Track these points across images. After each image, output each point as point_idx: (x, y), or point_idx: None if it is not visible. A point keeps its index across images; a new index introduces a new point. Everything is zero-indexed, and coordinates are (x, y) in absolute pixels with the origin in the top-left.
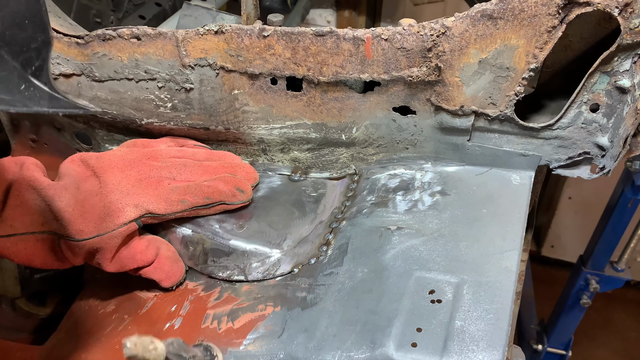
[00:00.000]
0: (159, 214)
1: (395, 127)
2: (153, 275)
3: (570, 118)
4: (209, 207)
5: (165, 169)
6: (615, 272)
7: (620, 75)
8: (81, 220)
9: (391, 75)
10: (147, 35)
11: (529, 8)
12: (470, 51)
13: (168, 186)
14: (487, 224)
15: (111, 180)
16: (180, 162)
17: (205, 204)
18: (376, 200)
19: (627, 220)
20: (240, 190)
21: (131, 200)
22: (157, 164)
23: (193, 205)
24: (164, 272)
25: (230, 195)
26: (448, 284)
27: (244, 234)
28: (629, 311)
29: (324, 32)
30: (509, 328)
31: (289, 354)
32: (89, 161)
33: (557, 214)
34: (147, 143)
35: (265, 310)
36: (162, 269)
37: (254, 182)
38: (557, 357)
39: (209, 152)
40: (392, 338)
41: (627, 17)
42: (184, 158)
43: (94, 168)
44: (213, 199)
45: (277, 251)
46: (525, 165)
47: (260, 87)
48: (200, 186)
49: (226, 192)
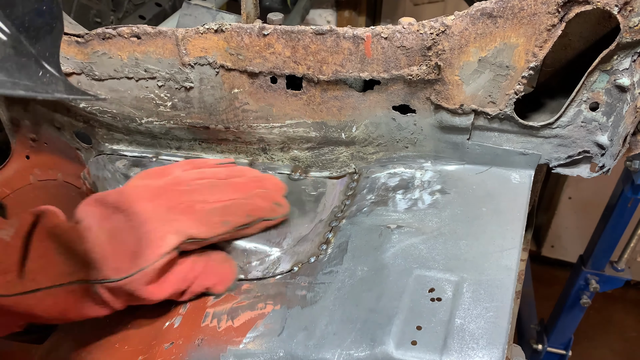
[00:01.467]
0: (202, 238)
1: (395, 125)
2: (203, 283)
3: (570, 117)
4: (252, 226)
5: (195, 193)
6: (615, 272)
7: (620, 74)
8: (114, 259)
9: (391, 73)
10: (147, 34)
11: (529, 6)
12: (470, 50)
13: (204, 209)
14: (486, 223)
15: (141, 211)
16: (208, 182)
17: (247, 222)
18: (376, 199)
19: (627, 220)
20: (278, 204)
21: (170, 227)
22: (184, 188)
23: (236, 225)
24: (214, 276)
25: (270, 210)
26: (448, 282)
27: None
28: (629, 311)
29: (323, 31)
30: (508, 326)
31: (288, 352)
32: (106, 199)
33: (557, 214)
34: (162, 171)
35: (265, 308)
36: (212, 273)
37: (284, 193)
38: (557, 356)
39: (229, 169)
40: (392, 336)
41: (626, 16)
42: (207, 179)
43: (116, 204)
44: (254, 216)
45: (276, 250)
46: (524, 163)
47: (260, 85)
48: (239, 204)
49: (266, 208)
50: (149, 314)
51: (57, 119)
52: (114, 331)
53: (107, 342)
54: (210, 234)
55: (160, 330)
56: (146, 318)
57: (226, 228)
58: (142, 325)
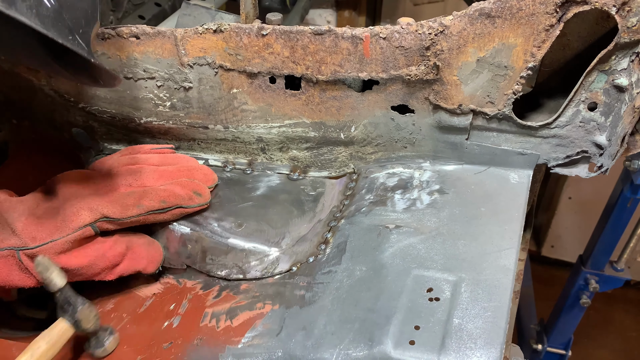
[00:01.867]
0: (115, 218)
1: (394, 125)
2: (134, 266)
3: (568, 117)
4: (166, 212)
5: (120, 177)
6: (614, 272)
7: (618, 74)
8: (35, 228)
9: (389, 74)
10: (146, 34)
11: (527, 7)
12: (469, 50)
13: (122, 192)
14: (485, 223)
15: (68, 190)
16: (136, 168)
17: (161, 207)
18: (375, 199)
19: (627, 219)
20: (197, 193)
21: (85, 205)
22: (112, 172)
23: (149, 209)
24: (144, 259)
25: (187, 199)
26: (446, 282)
27: (243, 232)
28: (628, 311)
29: (322, 31)
30: (506, 326)
31: (287, 352)
32: (48, 181)
33: (557, 214)
34: (105, 158)
35: (263, 308)
36: (140, 256)
37: (212, 184)
38: (557, 356)
39: (162, 157)
40: (390, 336)
41: (624, 16)
42: (137, 165)
43: (50, 185)
44: (169, 202)
45: (275, 250)
46: (523, 163)
47: (259, 85)
48: (156, 190)
49: (183, 196)
50: (148, 313)
51: (57, 119)
52: None
53: None
54: (123, 215)
55: (159, 330)
56: (145, 318)
57: (139, 211)
58: (141, 325)
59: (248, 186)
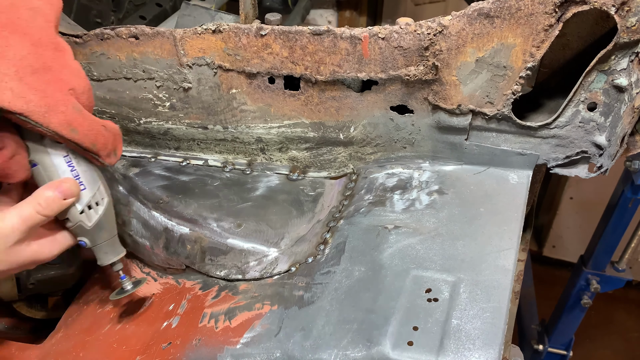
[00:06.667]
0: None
1: (393, 126)
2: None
3: (568, 117)
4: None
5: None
6: (616, 272)
7: (618, 74)
8: None
9: (388, 74)
10: (145, 34)
11: (526, 6)
12: (467, 50)
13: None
14: (484, 223)
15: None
16: None
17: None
18: (374, 199)
19: (628, 220)
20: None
21: (11, 80)
22: None
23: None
24: (3, 171)
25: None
26: (445, 283)
27: (242, 232)
28: (630, 311)
29: (321, 31)
30: (505, 326)
31: (285, 352)
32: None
33: (559, 214)
34: None
35: (262, 309)
36: (4, 166)
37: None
38: (558, 357)
39: None
40: (389, 337)
41: (623, 16)
42: None
43: None
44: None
45: (274, 250)
46: (522, 164)
47: (258, 86)
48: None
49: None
50: (147, 313)
51: None
52: (111, 331)
53: (105, 343)
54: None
55: (158, 330)
56: (144, 318)
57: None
58: (140, 325)
59: (247, 186)
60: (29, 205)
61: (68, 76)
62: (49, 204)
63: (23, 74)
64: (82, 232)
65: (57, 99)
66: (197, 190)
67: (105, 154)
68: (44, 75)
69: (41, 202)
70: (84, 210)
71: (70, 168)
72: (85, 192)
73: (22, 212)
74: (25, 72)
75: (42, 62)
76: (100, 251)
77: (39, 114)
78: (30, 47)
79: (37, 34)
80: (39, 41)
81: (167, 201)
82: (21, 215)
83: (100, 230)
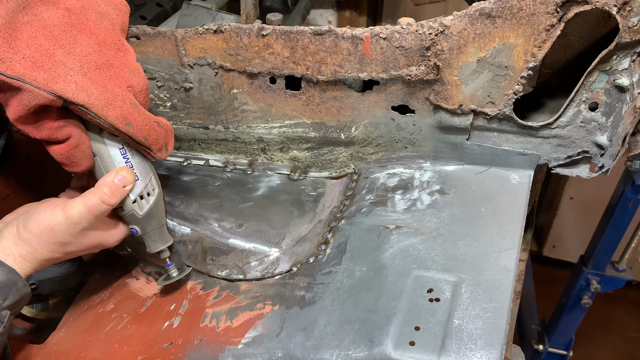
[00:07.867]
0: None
1: (394, 126)
2: (58, 156)
3: (569, 117)
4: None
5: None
6: (616, 272)
7: (619, 74)
8: (4, 47)
9: (390, 74)
10: (146, 34)
11: (527, 7)
12: (469, 50)
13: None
14: (485, 223)
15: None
16: None
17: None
18: (375, 199)
19: (628, 220)
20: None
21: (76, 75)
22: None
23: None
24: (69, 159)
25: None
26: (446, 283)
27: (243, 232)
28: (630, 311)
29: (322, 31)
30: (507, 326)
31: (287, 352)
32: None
33: (559, 214)
34: None
35: (263, 309)
36: (70, 154)
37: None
38: (558, 357)
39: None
40: (390, 336)
41: (625, 16)
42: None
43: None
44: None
45: (275, 250)
46: (524, 164)
47: (259, 86)
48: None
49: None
50: (148, 313)
51: None
52: (113, 332)
53: (107, 343)
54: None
55: (159, 330)
56: (146, 318)
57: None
58: (141, 325)
59: (249, 186)
60: (93, 194)
61: (128, 74)
62: (112, 192)
63: (87, 69)
64: (134, 220)
65: (116, 94)
66: (198, 190)
67: (156, 149)
68: (105, 72)
69: (105, 190)
70: (136, 200)
71: (125, 160)
72: (138, 182)
73: (87, 201)
74: (89, 68)
75: (104, 60)
76: (149, 239)
77: (98, 106)
78: (95, 45)
79: (102, 35)
80: (104, 41)
81: (168, 201)
82: (86, 204)
83: (150, 219)
